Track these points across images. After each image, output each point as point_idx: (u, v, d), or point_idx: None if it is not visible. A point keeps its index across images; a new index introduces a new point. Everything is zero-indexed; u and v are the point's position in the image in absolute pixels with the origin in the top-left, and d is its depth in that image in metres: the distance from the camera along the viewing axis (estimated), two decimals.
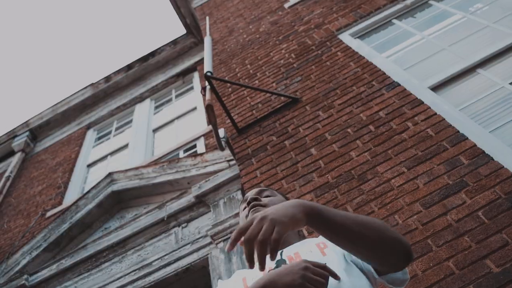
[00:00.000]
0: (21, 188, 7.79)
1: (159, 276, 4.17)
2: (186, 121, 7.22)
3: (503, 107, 3.48)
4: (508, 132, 3.24)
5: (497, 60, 3.88)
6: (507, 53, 3.88)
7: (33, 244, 5.25)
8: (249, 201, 1.86)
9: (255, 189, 2.02)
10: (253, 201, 1.86)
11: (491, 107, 3.52)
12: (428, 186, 2.90)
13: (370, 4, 5.30)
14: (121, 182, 5.30)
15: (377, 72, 4.15)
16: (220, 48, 6.33)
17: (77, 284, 4.59)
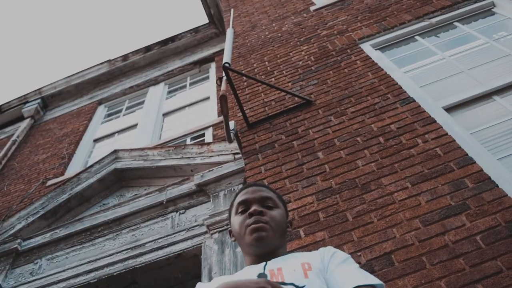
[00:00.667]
0: (26, 154, 7.83)
1: (150, 258, 4.17)
2: (197, 109, 7.24)
3: None
4: None
5: None
6: None
7: (31, 210, 5.27)
8: (253, 212, 1.86)
9: (258, 190, 2.00)
10: (257, 214, 1.86)
11: (502, 135, 3.51)
12: (430, 204, 2.90)
13: (396, 18, 5.30)
14: (125, 161, 5.31)
15: (394, 85, 4.15)
16: (240, 41, 6.34)
17: (69, 255, 4.61)
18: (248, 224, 1.83)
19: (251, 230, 1.81)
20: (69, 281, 4.27)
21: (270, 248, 1.81)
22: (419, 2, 5.48)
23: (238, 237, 1.89)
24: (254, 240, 1.79)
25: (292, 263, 1.71)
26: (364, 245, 2.81)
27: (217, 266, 3.73)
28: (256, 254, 1.82)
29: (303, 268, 1.66)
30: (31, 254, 4.79)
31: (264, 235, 1.80)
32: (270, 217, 1.86)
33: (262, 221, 1.83)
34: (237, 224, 1.90)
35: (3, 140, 8.96)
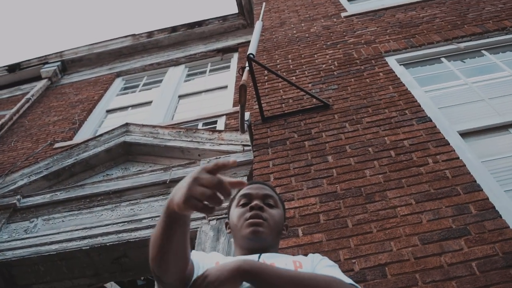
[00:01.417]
0: (37, 114, 7.87)
1: (145, 234, 4.18)
2: (213, 96, 7.25)
3: None
4: None
5: None
6: None
7: (34, 169, 5.29)
8: (254, 206, 1.88)
9: (262, 188, 2.02)
10: (257, 208, 1.88)
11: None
12: (431, 223, 2.90)
13: (425, 36, 5.30)
14: (135, 135, 5.32)
15: (413, 102, 4.15)
16: (267, 36, 6.34)
17: (65, 218, 4.63)
18: (247, 217, 1.85)
19: (249, 223, 1.83)
20: (62, 244, 4.28)
21: (264, 244, 1.83)
22: (450, 25, 5.47)
23: (234, 228, 1.91)
24: (250, 233, 1.81)
25: (284, 259, 1.75)
26: (360, 253, 2.82)
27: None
28: (249, 247, 1.82)
29: (294, 265, 1.69)
30: (28, 212, 4.81)
31: (261, 230, 1.82)
32: (269, 215, 1.88)
33: (261, 216, 1.85)
34: (236, 215, 1.91)
35: (17, 97, 9.01)
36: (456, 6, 6.01)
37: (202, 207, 1.19)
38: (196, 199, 1.18)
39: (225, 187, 1.18)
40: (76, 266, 4.36)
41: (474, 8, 5.82)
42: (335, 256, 2.78)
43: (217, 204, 1.19)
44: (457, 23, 5.48)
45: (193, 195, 1.18)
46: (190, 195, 1.18)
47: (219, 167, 1.21)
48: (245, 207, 1.91)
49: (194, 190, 1.18)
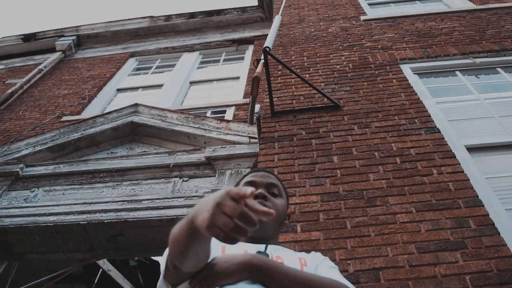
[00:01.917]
0: (48, 85, 7.89)
1: (143, 215, 4.19)
2: (225, 86, 7.24)
3: None
4: None
5: None
6: None
7: (40, 139, 5.30)
8: (258, 195, 1.86)
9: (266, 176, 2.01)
10: (261, 197, 1.87)
11: None
12: (429, 233, 2.91)
13: (442, 48, 5.29)
14: (143, 116, 5.33)
15: (423, 112, 4.15)
16: (284, 31, 6.34)
17: (66, 191, 4.64)
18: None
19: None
20: (60, 216, 4.30)
21: (266, 234, 1.83)
22: (468, 39, 5.46)
23: None
24: None
25: (290, 254, 1.75)
26: (356, 255, 2.83)
27: None
28: (251, 236, 1.81)
29: (300, 262, 1.69)
30: (30, 181, 4.83)
31: (264, 220, 1.81)
32: (273, 204, 1.87)
33: (265, 205, 1.84)
34: None
35: (29, 67, 9.03)
36: (476, 21, 5.99)
37: (224, 237, 1.13)
38: (219, 228, 1.12)
39: (249, 217, 1.12)
40: (71, 239, 4.38)
41: (494, 25, 5.80)
42: (331, 255, 2.79)
43: (241, 235, 1.13)
44: (475, 38, 5.47)
45: (216, 224, 1.12)
46: (212, 223, 1.12)
47: (241, 196, 1.11)
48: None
49: (218, 219, 1.12)
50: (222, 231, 1.12)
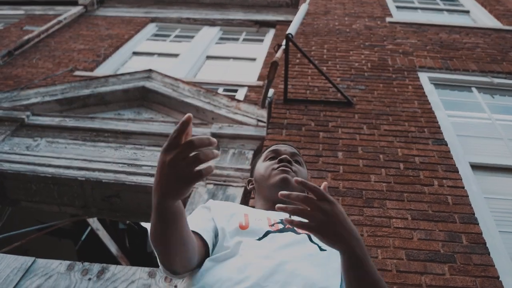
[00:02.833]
0: (65, 38, 7.88)
1: (141, 180, 4.21)
2: (240, 65, 7.23)
3: None
4: None
5: None
6: None
7: (50, 90, 5.31)
8: (283, 159, 1.88)
9: (289, 147, 2.02)
10: (287, 161, 1.88)
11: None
12: (421, 242, 2.93)
13: (462, 62, 5.27)
14: (155, 83, 5.33)
15: (434, 123, 4.15)
16: (308, 21, 6.32)
17: (68, 146, 4.65)
18: (275, 167, 1.85)
19: (279, 171, 1.83)
20: (59, 169, 4.31)
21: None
22: (489, 57, 5.44)
23: (261, 179, 1.89)
24: (280, 180, 1.80)
25: None
26: None
27: None
28: (276, 198, 1.74)
29: None
30: (34, 130, 4.84)
31: (290, 178, 1.81)
32: (297, 170, 1.90)
33: (290, 168, 1.86)
34: (263, 167, 1.91)
35: (49, 16, 9.01)
36: (500, 41, 5.96)
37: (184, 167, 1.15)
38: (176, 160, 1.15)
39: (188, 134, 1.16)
40: (67, 194, 4.41)
41: None
42: None
43: (195, 165, 1.15)
44: (497, 58, 5.44)
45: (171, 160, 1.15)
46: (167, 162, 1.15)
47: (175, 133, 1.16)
48: (273, 160, 1.92)
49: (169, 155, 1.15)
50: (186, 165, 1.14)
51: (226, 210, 1.72)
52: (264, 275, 1.37)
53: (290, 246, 1.52)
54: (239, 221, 1.62)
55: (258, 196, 1.92)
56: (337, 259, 1.52)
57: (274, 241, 1.53)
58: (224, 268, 1.43)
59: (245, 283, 1.34)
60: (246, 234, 1.56)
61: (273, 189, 1.80)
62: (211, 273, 1.43)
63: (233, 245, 1.50)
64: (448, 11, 8.05)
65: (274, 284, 1.34)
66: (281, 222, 1.65)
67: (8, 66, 6.70)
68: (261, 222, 1.62)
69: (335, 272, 1.52)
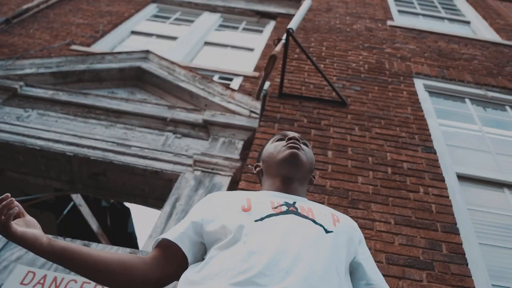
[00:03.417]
0: (65, 10, 7.83)
1: (130, 161, 4.22)
2: (238, 54, 7.23)
3: (503, 232, 3.53)
4: (492, 254, 3.29)
5: None
6: None
7: (46, 62, 5.29)
8: (292, 137, 1.87)
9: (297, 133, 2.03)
10: (295, 139, 1.87)
11: (493, 226, 3.56)
12: (402, 248, 2.95)
13: (458, 73, 5.30)
14: (151, 65, 5.33)
15: (425, 130, 4.18)
16: (310, 16, 6.31)
17: (59, 119, 4.64)
18: (285, 144, 1.84)
19: (288, 147, 1.81)
20: (48, 143, 4.31)
21: (300, 173, 1.82)
22: (485, 70, 5.47)
23: (269, 158, 1.88)
24: (289, 154, 1.79)
25: (322, 208, 1.73)
26: None
27: (184, 200, 3.78)
28: (285, 173, 1.81)
29: (332, 218, 1.66)
30: (26, 101, 4.82)
31: (300, 153, 1.81)
32: (305, 151, 1.88)
33: (299, 145, 1.85)
34: (272, 147, 1.90)
35: None
36: (497, 55, 5.99)
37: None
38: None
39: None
40: (54, 168, 4.41)
41: None
42: None
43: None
44: (493, 71, 5.47)
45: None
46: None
47: None
48: (282, 141, 1.91)
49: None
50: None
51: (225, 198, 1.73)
52: (268, 263, 1.37)
53: (293, 229, 1.51)
54: (241, 205, 1.62)
55: (266, 176, 1.90)
56: (343, 240, 1.57)
57: (277, 224, 1.53)
58: (228, 256, 1.44)
59: (249, 273, 1.35)
60: (248, 217, 1.55)
61: (282, 164, 1.81)
62: (215, 262, 1.45)
63: (235, 230, 1.50)
64: (449, 20, 8.07)
65: (278, 272, 1.34)
66: (285, 204, 1.64)
67: (5, 34, 6.64)
68: (264, 206, 1.61)
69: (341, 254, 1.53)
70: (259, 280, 1.32)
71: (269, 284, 1.32)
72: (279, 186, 1.80)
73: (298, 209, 1.62)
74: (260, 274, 1.34)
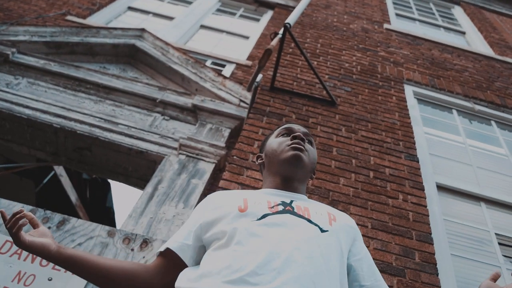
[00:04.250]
0: None
1: (116, 138, 4.21)
2: (232, 41, 7.22)
3: (475, 245, 3.60)
4: (463, 266, 3.36)
5: (504, 209, 3.99)
6: None
7: (40, 30, 5.24)
8: (297, 136, 1.90)
9: (302, 127, 2.04)
10: (300, 139, 1.90)
11: (466, 238, 3.63)
12: (376, 252, 3.01)
13: (448, 83, 5.36)
14: (146, 44, 5.31)
15: (410, 138, 4.23)
16: (308, 12, 6.33)
17: (49, 90, 4.61)
18: (289, 143, 1.88)
19: (291, 147, 1.85)
20: (36, 113, 4.28)
21: (301, 174, 1.87)
22: (476, 83, 5.54)
23: (272, 154, 1.92)
24: (292, 156, 1.83)
25: (318, 207, 1.78)
26: None
27: (166, 183, 3.79)
28: (285, 174, 1.86)
29: (328, 217, 1.71)
30: (17, 68, 4.78)
31: (303, 156, 1.84)
32: (309, 149, 1.93)
33: (303, 146, 1.88)
34: (276, 142, 1.94)
35: None
36: (488, 69, 6.07)
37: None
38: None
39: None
40: (39, 138, 4.39)
41: (504, 79, 5.89)
42: None
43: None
44: (483, 85, 5.55)
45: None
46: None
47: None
48: (287, 137, 1.95)
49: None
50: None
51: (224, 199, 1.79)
52: (261, 262, 1.42)
53: (288, 229, 1.56)
54: (238, 205, 1.67)
55: (268, 171, 1.94)
56: (338, 239, 1.63)
57: (272, 224, 1.57)
58: (223, 256, 1.50)
59: (242, 272, 1.40)
60: (244, 217, 1.61)
61: (284, 165, 1.86)
62: (211, 261, 1.52)
63: (231, 231, 1.56)
64: (445, 29, 8.13)
65: (270, 271, 1.40)
66: (281, 203, 1.69)
67: None
68: (260, 205, 1.66)
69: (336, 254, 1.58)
70: (251, 279, 1.38)
71: (260, 283, 1.37)
72: (279, 184, 1.85)
73: (294, 209, 1.67)
74: (252, 273, 1.40)
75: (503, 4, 9.80)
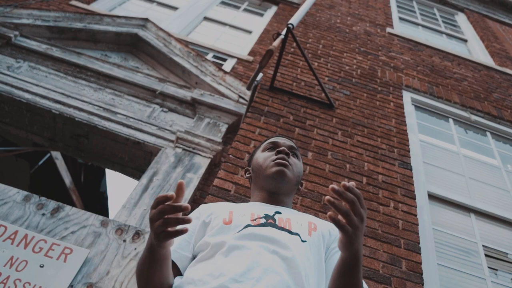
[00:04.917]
0: None
1: (113, 128, 4.22)
2: (235, 35, 7.23)
3: (463, 256, 3.64)
4: (449, 276, 3.41)
5: (492, 221, 4.03)
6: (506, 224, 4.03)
7: (44, 15, 5.24)
8: (281, 151, 1.97)
9: (287, 140, 2.13)
10: (285, 153, 1.97)
11: (454, 248, 3.67)
12: (364, 259, 3.03)
13: (446, 92, 5.38)
14: (148, 34, 5.33)
15: (405, 146, 4.26)
16: (312, 11, 6.34)
17: (49, 75, 4.63)
18: (273, 159, 1.95)
19: (276, 163, 1.93)
20: (35, 98, 4.29)
21: (285, 188, 1.95)
22: (474, 93, 5.57)
23: (258, 169, 2.00)
24: (276, 172, 1.91)
25: (300, 217, 1.85)
26: None
27: (161, 175, 3.82)
28: (270, 189, 1.94)
29: (309, 226, 1.79)
30: (19, 51, 4.78)
31: (286, 171, 1.92)
32: (293, 163, 2.00)
33: (287, 160, 1.96)
34: (262, 157, 2.02)
35: None
36: (488, 79, 6.10)
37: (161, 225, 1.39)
38: (154, 220, 1.40)
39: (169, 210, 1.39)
40: (38, 123, 4.41)
41: (502, 90, 5.92)
42: None
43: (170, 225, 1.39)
44: (480, 95, 5.58)
45: (151, 218, 1.41)
46: (150, 219, 1.41)
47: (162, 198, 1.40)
48: (272, 152, 2.02)
49: (151, 213, 1.41)
50: (158, 226, 1.40)
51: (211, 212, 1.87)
52: (241, 271, 1.51)
53: (269, 240, 1.64)
54: (223, 218, 1.76)
55: (255, 185, 2.04)
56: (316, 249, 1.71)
57: (253, 236, 1.66)
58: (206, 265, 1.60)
59: (223, 278, 1.49)
60: (228, 230, 1.70)
61: (269, 180, 1.95)
62: (194, 271, 1.62)
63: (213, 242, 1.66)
64: (448, 36, 8.15)
65: (249, 280, 1.48)
66: (264, 217, 1.77)
67: None
68: (244, 218, 1.75)
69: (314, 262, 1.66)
70: (231, 285, 1.46)
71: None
72: (265, 198, 1.95)
73: (276, 221, 1.75)
74: (232, 280, 1.47)
75: (507, 13, 9.82)
